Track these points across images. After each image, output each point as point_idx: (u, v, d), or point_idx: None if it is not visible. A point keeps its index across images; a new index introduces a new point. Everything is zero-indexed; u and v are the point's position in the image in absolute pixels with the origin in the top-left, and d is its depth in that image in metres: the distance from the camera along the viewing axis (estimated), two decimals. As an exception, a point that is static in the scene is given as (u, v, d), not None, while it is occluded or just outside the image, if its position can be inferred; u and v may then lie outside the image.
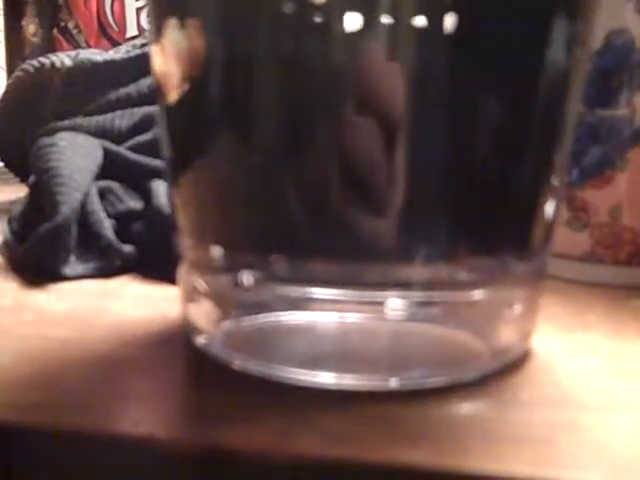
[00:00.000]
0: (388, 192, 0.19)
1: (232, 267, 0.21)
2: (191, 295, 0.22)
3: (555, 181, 0.22)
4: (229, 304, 0.22)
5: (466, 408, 0.20)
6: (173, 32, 0.21)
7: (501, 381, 0.21)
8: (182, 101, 0.21)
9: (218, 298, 0.22)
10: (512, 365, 0.22)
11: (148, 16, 0.23)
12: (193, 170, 0.22)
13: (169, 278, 0.24)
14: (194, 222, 0.22)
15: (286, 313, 0.21)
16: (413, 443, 0.18)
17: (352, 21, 0.19)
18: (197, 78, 0.21)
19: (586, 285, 0.29)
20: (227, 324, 0.22)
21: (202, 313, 0.22)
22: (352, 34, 0.19)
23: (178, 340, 0.23)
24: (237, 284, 0.21)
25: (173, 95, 0.21)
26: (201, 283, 0.22)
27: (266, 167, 0.20)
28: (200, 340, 0.22)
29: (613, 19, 0.28)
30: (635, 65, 0.28)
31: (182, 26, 0.20)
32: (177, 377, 0.21)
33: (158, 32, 0.21)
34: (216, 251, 0.21)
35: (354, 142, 0.19)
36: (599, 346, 0.23)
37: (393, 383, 0.20)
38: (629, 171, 0.28)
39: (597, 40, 0.28)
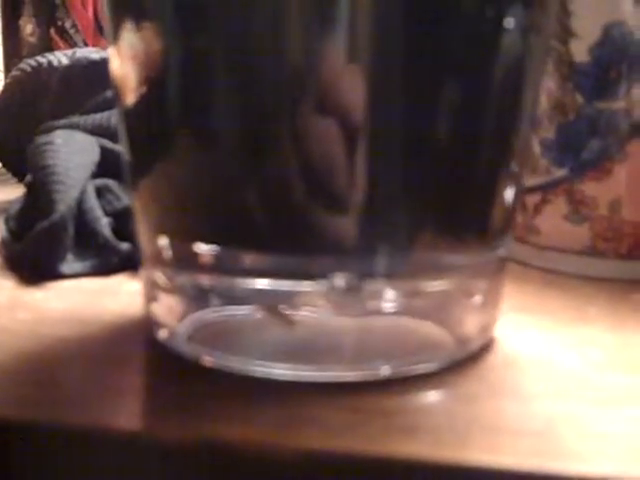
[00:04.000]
0: (347, 184, 0.19)
1: (190, 261, 0.21)
2: (152, 291, 0.22)
3: (514, 167, 0.22)
4: (190, 298, 0.22)
5: (463, 399, 0.19)
6: (129, 34, 0.21)
7: (496, 373, 0.21)
8: (139, 104, 0.21)
9: (179, 292, 0.22)
10: (509, 357, 0.22)
11: (104, 18, 0.23)
12: (151, 169, 0.22)
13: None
14: (153, 218, 0.22)
15: (249, 306, 0.21)
16: (412, 435, 0.18)
17: (310, 22, 0.19)
18: (154, 80, 0.20)
19: (586, 279, 0.28)
20: (190, 318, 0.22)
21: (164, 308, 0.22)
22: (310, 35, 0.19)
23: (146, 339, 0.23)
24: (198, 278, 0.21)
25: (130, 98, 0.21)
26: (161, 278, 0.22)
27: (226, 167, 0.20)
28: (163, 335, 0.22)
29: (611, 11, 0.28)
30: (633, 57, 0.27)
31: (138, 28, 0.20)
32: (173, 373, 0.21)
33: (114, 34, 0.21)
34: (176, 246, 0.21)
35: (312, 140, 0.19)
36: (600, 339, 0.23)
37: (378, 373, 0.20)
38: (628, 164, 0.28)
39: (595, 32, 0.28)
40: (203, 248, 0.21)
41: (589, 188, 0.28)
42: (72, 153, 0.29)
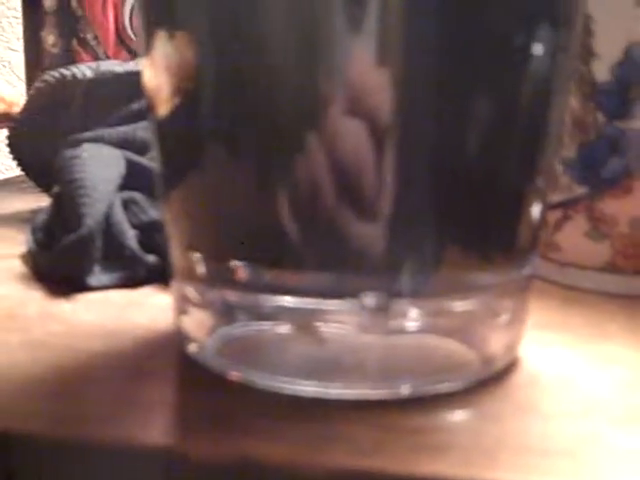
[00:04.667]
0: (375, 200, 0.20)
1: (221, 277, 0.21)
2: (183, 305, 0.23)
3: (541, 185, 0.22)
4: (220, 313, 0.22)
5: (489, 418, 0.20)
6: (162, 44, 0.21)
7: (521, 391, 0.21)
8: (172, 115, 0.21)
9: (209, 307, 0.22)
10: (533, 376, 0.22)
11: (137, 28, 0.23)
12: (183, 182, 0.22)
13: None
14: (184, 232, 0.22)
15: (277, 322, 0.21)
16: (441, 454, 0.18)
17: (343, 33, 0.19)
18: (187, 91, 0.21)
19: (607, 296, 0.29)
20: (219, 333, 0.22)
21: (194, 322, 0.22)
22: (340, 43, 0.19)
23: (176, 352, 0.23)
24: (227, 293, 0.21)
25: (163, 109, 0.21)
26: (192, 292, 0.22)
27: (256, 179, 0.20)
28: (192, 349, 0.22)
29: (631, 31, 0.28)
30: (655, 77, 0.28)
31: (171, 38, 0.20)
32: (202, 387, 0.22)
33: (148, 44, 0.21)
34: (208, 261, 0.21)
35: (345, 155, 0.19)
36: (621, 356, 0.24)
37: (404, 391, 0.20)
38: (649, 182, 0.28)
39: (616, 52, 0.28)
40: (235, 264, 0.21)
41: (609, 206, 0.29)
42: (99, 167, 0.30)
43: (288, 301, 0.21)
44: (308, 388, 0.20)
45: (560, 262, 0.30)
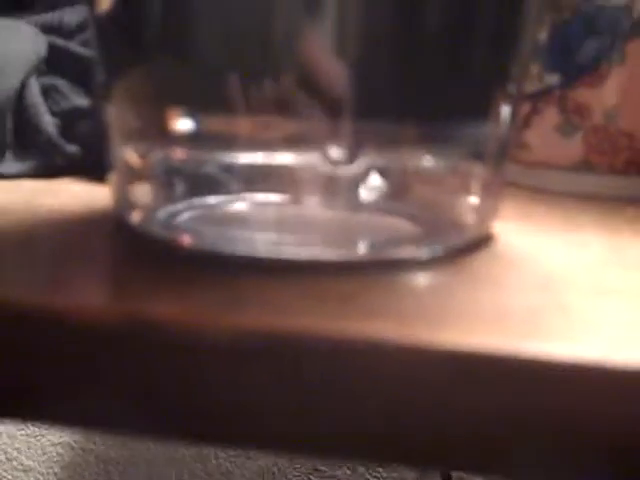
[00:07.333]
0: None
1: (168, 141, 0.19)
2: (126, 175, 0.20)
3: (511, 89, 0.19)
4: (165, 182, 0.20)
5: (437, 285, 0.17)
6: None
7: (487, 264, 0.18)
8: (114, 10, 0.19)
9: (153, 176, 0.20)
10: (501, 251, 0.19)
11: None
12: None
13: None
14: (134, 95, 0.19)
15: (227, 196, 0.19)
16: (375, 317, 0.15)
17: None
18: None
19: (579, 197, 0.26)
20: (164, 202, 0.20)
21: (138, 193, 0.20)
22: None
23: (114, 226, 0.21)
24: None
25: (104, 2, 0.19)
26: (137, 161, 0.19)
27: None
28: (136, 219, 0.20)
29: None
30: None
31: None
32: (116, 257, 0.19)
33: None
34: (150, 119, 0.19)
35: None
36: (593, 243, 0.21)
37: (361, 251, 0.18)
38: (627, 66, 0.25)
39: None
40: (178, 113, 0.18)
41: (583, 95, 0.26)
42: (13, 40, 0.26)
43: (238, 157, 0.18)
44: (261, 248, 0.18)
45: (527, 162, 0.27)
